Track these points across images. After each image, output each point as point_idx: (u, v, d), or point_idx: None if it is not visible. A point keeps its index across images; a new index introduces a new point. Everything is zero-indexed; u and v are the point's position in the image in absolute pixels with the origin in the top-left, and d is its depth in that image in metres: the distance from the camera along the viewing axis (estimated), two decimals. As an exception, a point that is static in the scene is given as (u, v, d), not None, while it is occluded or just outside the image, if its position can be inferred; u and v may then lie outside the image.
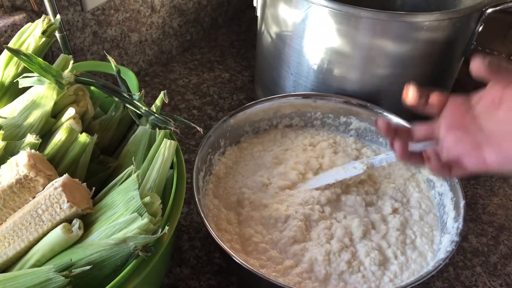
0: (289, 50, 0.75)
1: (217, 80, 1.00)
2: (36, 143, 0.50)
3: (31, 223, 0.45)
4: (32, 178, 0.46)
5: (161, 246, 0.46)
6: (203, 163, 0.65)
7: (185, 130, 0.86)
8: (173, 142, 0.51)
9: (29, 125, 0.52)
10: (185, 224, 0.71)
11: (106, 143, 0.59)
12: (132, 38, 0.92)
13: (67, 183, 0.45)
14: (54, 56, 0.78)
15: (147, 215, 0.44)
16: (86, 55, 0.84)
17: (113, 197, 0.47)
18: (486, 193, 0.78)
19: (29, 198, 0.47)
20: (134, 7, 0.89)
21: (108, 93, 0.56)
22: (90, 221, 0.47)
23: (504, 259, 0.68)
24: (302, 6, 0.69)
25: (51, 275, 0.42)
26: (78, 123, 0.53)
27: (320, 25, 0.68)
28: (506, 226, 0.73)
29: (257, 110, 0.72)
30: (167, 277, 0.64)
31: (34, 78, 0.53)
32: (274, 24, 0.76)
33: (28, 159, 0.46)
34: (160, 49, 1.01)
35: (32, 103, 0.53)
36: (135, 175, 0.46)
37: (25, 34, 0.57)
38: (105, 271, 0.44)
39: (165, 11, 0.97)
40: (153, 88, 0.97)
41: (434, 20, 0.65)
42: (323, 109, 0.74)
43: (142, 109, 0.55)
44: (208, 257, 0.66)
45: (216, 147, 0.68)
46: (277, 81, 0.81)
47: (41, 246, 0.45)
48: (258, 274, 0.50)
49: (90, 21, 0.81)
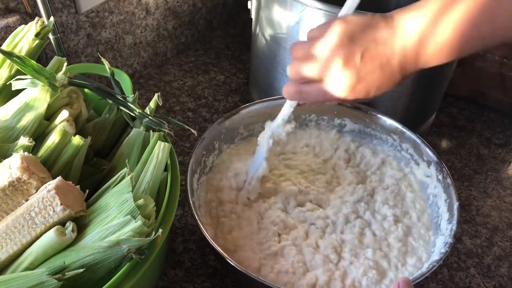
0: (284, 52, 0.75)
1: (212, 82, 1.00)
2: (29, 145, 0.50)
3: (24, 226, 0.45)
4: (25, 180, 0.46)
5: (155, 249, 0.46)
6: (198, 165, 0.64)
7: (179, 132, 0.86)
8: (167, 144, 0.51)
9: (22, 128, 0.52)
10: (180, 227, 0.71)
11: (99, 146, 0.58)
12: (127, 41, 0.92)
13: (61, 185, 0.45)
14: (48, 58, 0.77)
15: (140, 217, 0.44)
16: (80, 58, 0.84)
17: (106, 199, 0.47)
18: (480, 194, 0.79)
19: (22, 200, 0.46)
20: (128, 10, 0.89)
21: (102, 95, 0.56)
22: (84, 223, 0.46)
23: (498, 260, 0.69)
24: (296, 9, 0.69)
25: (44, 278, 0.42)
26: (71, 126, 0.53)
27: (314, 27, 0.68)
28: (500, 227, 0.73)
29: (251, 112, 0.72)
30: (161, 280, 0.64)
31: (28, 80, 0.52)
32: (269, 26, 0.76)
33: (21, 162, 0.46)
34: (155, 51, 1.01)
35: (26, 106, 0.52)
36: (128, 178, 0.46)
37: (19, 37, 0.57)
38: (99, 274, 0.44)
39: (160, 13, 0.97)
40: (148, 90, 0.97)
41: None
42: (317, 110, 0.74)
43: (136, 111, 0.55)
44: (203, 259, 0.66)
45: (210, 149, 0.68)
46: (272, 83, 0.81)
47: (34, 249, 0.45)
48: (252, 276, 0.50)
49: (84, 23, 0.81)
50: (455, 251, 0.70)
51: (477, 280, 0.66)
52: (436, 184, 0.64)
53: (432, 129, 0.90)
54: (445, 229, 0.59)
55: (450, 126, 0.92)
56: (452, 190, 0.61)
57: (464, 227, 0.73)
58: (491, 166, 0.84)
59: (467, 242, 0.71)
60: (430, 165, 0.65)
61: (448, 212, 0.60)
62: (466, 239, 0.71)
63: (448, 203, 0.61)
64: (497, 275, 0.67)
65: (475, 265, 0.68)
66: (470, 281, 0.66)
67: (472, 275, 0.67)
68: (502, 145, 0.89)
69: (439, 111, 0.93)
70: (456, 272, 0.67)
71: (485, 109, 0.96)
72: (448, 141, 0.89)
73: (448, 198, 0.61)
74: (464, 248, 0.70)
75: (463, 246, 0.70)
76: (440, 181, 0.63)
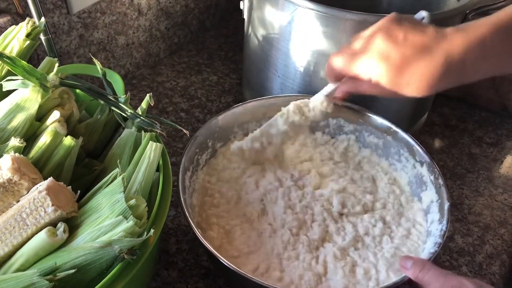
0: (276, 52, 0.75)
1: (205, 83, 1.00)
2: (20, 146, 0.49)
3: (15, 227, 0.44)
4: (16, 181, 0.46)
5: (147, 249, 0.46)
6: (190, 163, 0.64)
7: (172, 133, 0.86)
8: (159, 145, 0.51)
9: (13, 128, 0.52)
10: (173, 227, 0.70)
11: (91, 146, 0.58)
12: (119, 41, 0.92)
13: (52, 186, 0.45)
14: (40, 59, 0.77)
15: (132, 218, 0.44)
16: (72, 58, 0.84)
17: (98, 200, 0.47)
18: (472, 193, 0.79)
19: (13, 202, 0.46)
20: (120, 10, 0.88)
21: (93, 96, 0.55)
22: (75, 224, 0.46)
23: (489, 258, 0.69)
24: (288, 9, 0.69)
25: (35, 279, 0.41)
26: (63, 126, 0.53)
27: (306, 27, 0.69)
28: (492, 226, 0.74)
29: (246, 110, 0.72)
30: (154, 281, 0.63)
31: (18, 81, 0.52)
32: (261, 26, 0.76)
33: (12, 163, 0.45)
34: (148, 52, 1.01)
35: (16, 106, 0.52)
36: (120, 178, 0.46)
37: (9, 37, 0.57)
38: (90, 275, 0.44)
39: (152, 14, 0.97)
40: (141, 91, 0.97)
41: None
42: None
43: (128, 111, 0.55)
44: (196, 260, 0.66)
45: (204, 148, 0.68)
46: (264, 83, 0.81)
47: (26, 250, 0.44)
48: (245, 275, 0.50)
49: (76, 24, 0.81)
50: (447, 249, 0.70)
51: (469, 278, 0.66)
52: (429, 185, 0.64)
53: (424, 128, 0.91)
54: (435, 230, 0.59)
55: (442, 126, 0.92)
56: (443, 190, 0.61)
57: (456, 225, 0.74)
58: (482, 165, 0.85)
59: (459, 240, 0.71)
60: (423, 165, 0.65)
61: (439, 213, 0.60)
62: (458, 238, 0.72)
63: (439, 204, 0.61)
64: (489, 273, 0.67)
65: (467, 263, 0.68)
66: (462, 279, 0.66)
67: (464, 273, 0.67)
68: (494, 144, 0.89)
69: (431, 111, 0.94)
70: (448, 270, 0.67)
71: (476, 108, 0.96)
72: (440, 140, 0.89)
73: (440, 198, 0.61)
74: (456, 247, 0.71)
75: (455, 245, 0.71)
76: (432, 182, 0.63)
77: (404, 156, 0.68)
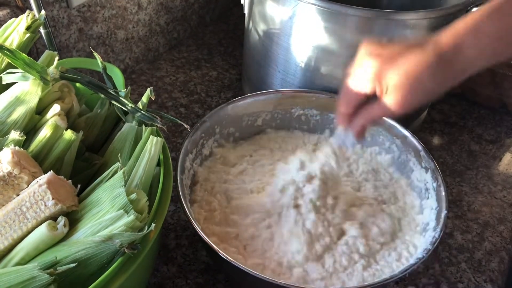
0: (277, 48, 0.75)
1: (205, 78, 0.99)
2: (20, 140, 0.49)
3: (15, 220, 0.44)
4: (16, 175, 0.45)
5: (148, 244, 0.45)
6: (194, 146, 0.65)
7: (172, 128, 0.86)
8: (160, 139, 0.51)
9: (13, 122, 0.52)
10: (172, 222, 0.70)
11: (91, 140, 0.58)
12: (119, 35, 0.91)
13: (52, 180, 0.45)
14: (39, 53, 0.77)
15: (133, 212, 0.44)
16: (71, 52, 0.83)
17: (98, 194, 0.46)
18: (471, 190, 0.79)
19: (13, 195, 0.46)
20: (120, 4, 0.88)
21: (94, 89, 0.55)
22: (76, 218, 0.46)
23: (488, 255, 0.69)
24: (289, 4, 0.69)
25: (35, 273, 0.41)
26: (63, 120, 0.52)
27: (307, 22, 0.69)
28: (491, 223, 0.74)
29: (257, 101, 0.73)
30: (154, 276, 0.63)
31: (18, 74, 0.52)
32: (262, 21, 0.76)
33: (12, 156, 0.45)
34: (147, 47, 1.00)
35: (16, 100, 0.52)
36: (121, 172, 0.46)
37: (9, 30, 0.57)
38: (91, 269, 0.44)
39: (152, 8, 0.96)
40: (140, 85, 0.96)
41: (420, 18, 0.65)
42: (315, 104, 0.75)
43: (128, 106, 0.54)
44: (195, 255, 0.66)
45: (210, 133, 0.69)
46: (264, 79, 0.81)
47: (26, 244, 0.44)
48: (245, 269, 0.50)
49: (76, 17, 0.81)
50: (447, 246, 0.70)
51: (468, 274, 0.67)
52: (431, 193, 0.64)
53: (424, 125, 0.91)
54: (428, 236, 0.59)
55: (442, 123, 0.92)
56: (443, 199, 0.60)
57: (456, 222, 0.74)
58: (482, 162, 0.85)
59: (458, 237, 0.72)
60: (428, 171, 0.65)
61: (435, 220, 0.60)
62: (457, 235, 0.72)
63: (437, 211, 0.60)
64: (488, 269, 0.67)
65: (466, 260, 0.68)
66: (461, 275, 0.66)
67: (463, 269, 0.67)
68: (493, 141, 0.89)
69: (431, 108, 0.94)
70: (447, 267, 0.67)
71: (476, 105, 0.96)
72: (439, 137, 0.89)
73: (438, 206, 0.61)
74: (455, 243, 0.71)
75: (454, 241, 0.71)
76: (434, 190, 0.63)
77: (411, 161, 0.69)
